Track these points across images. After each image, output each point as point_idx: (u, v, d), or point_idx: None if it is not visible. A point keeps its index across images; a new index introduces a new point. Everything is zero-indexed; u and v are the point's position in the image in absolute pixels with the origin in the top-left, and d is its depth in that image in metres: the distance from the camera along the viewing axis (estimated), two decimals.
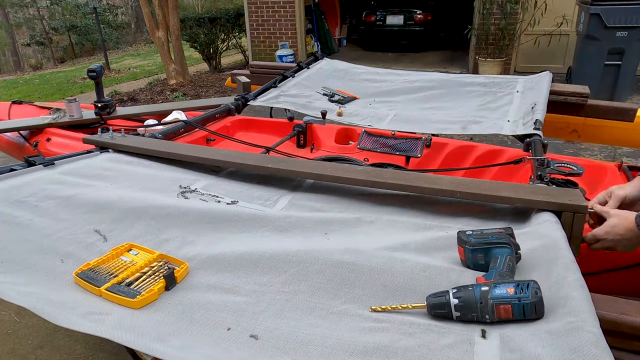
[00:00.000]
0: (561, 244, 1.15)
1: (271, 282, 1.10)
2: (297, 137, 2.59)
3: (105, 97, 3.01)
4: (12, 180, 1.52)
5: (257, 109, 2.93)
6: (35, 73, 13.25)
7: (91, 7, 10.75)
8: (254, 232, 1.34)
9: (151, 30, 8.11)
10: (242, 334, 0.93)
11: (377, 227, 1.38)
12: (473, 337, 0.90)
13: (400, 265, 1.13)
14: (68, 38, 17.39)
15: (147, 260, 1.18)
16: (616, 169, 2.07)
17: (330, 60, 3.56)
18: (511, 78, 3.02)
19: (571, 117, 2.73)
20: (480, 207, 1.48)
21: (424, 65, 9.29)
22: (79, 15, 17.45)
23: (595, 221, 1.39)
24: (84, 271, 1.12)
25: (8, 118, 3.15)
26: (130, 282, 1.09)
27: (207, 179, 1.73)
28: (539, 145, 1.97)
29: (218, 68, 9.80)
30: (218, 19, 9.55)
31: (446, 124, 2.39)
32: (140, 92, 8.10)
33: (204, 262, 1.19)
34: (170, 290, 1.09)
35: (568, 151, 4.60)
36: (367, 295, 1.05)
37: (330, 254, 1.17)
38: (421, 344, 0.89)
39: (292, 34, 9.44)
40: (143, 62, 12.68)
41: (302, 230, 1.35)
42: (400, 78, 3.14)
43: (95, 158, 1.82)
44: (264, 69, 3.48)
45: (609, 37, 5.91)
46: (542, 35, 7.72)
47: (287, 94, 2.86)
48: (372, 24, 10.80)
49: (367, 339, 0.91)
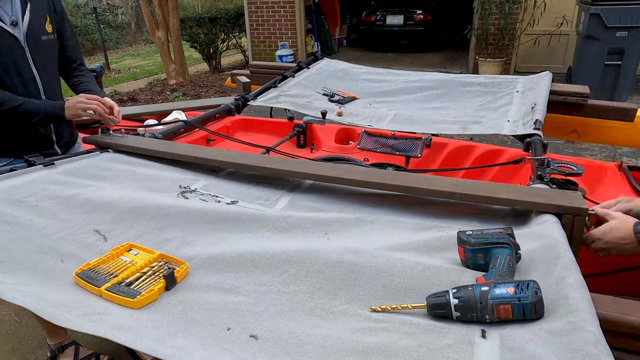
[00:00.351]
0: (561, 244, 1.15)
1: (271, 282, 1.10)
2: (297, 137, 2.59)
3: None
4: (12, 180, 1.52)
5: (257, 109, 2.93)
6: None
7: (91, 7, 10.77)
8: (254, 232, 1.34)
9: (151, 30, 8.12)
10: (242, 334, 0.93)
11: (376, 227, 1.38)
12: (473, 337, 0.90)
13: (400, 265, 1.13)
14: None
15: (147, 260, 1.18)
16: (616, 169, 2.07)
17: (330, 60, 3.56)
18: (511, 78, 3.02)
19: (571, 117, 2.73)
20: (480, 207, 1.48)
21: (424, 65, 9.29)
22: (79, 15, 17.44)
23: (593, 223, 1.38)
24: (84, 271, 1.12)
25: None
26: (130, 282, 1.09)
27: (207, 179, 1.73)
28: (539, 145, 1.97)
29: (218, 68, 9.80)
30: (218, 19, 9.56)
31: (446, 124, 2.39)
32: (140, 92, 8.11)
33: (204, 262, 1.19)
34: (170, 290, 1.09)
35: (568, 151, 4.60)
36: (367, 295, 1.05)
37: (330, 254, 1.17)
38: (421, 344, 0.89)
39: (292, 34, 9.44)
40: (143, 62, 12.69)
41: (301, 230, 1.35)
42: (400, 78, 3.14)
43: (96, 158, 1.82)
44: (264, 69, 3.48)
45: (609, 37, 5.91)
46: (542, 35, 7.72)
47: (287, 94, 2.86)
48: (372, 24, 10.80)
49: (367, 339, 0.91)
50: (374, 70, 3.39)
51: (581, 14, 6.28)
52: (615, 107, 2.68)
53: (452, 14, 10.93)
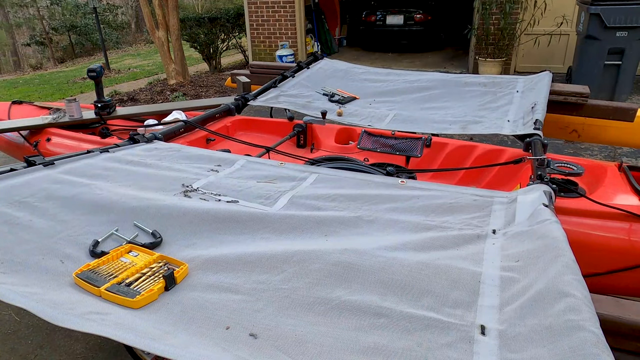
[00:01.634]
0: (561, 244, 1.15)
1: (270, 281, 1.10)
2: (297, 137, 2.59)
3: (105, 97, 3.01)
4: (12, 180, 1.51)
5: (257, 109, 2.93)
6: (35, 73, 13.26)
7: (91, 7, 10.75)
8: (253, 232, 1.34)
9: (151, 30, 8.11)
10: (241, 333, 0.93)
11: (376, 226, 1.38)
12: (472, 335, 0.90)
13: (399, 264, 1.13)
14: (68, 38, 17.38)
15: (147, 261, 1.18)
16: (616, 169, 2.07)
17: (330, 60, 3.56)
18: (511, 78, 3.02)
19: (571, 117, 2.73)
20: (479, 205, 1.48)
21: (424, 65, 9.28)
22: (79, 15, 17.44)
23: None
24: (84, 272, 1.12)
25: (8, 118, 3.15)
26: (130, 282, 1.09)
27: (208, 178, 1.73)
28: (539, 145, 1.97)
29: (218, 68, 9.80)
30: (218, 19, 9.55)
31: (446, 123, 2.39)
32: (140, 92, 8.10)
33: (204, 262, 1.19)
34: (170, 290, 1.09)
35: (568, 151, 4.60)
36: (366, 294, 1.05)
37: (329, 253, 1.17)
38: (420, 342, 0.89)
39: (292, 34, 9.43)
40: (143, 62, 12.68)
41: (301, 230, 1.35)
42: (400, 78, 3.14)
43: (96, 158, 1.82)
44: (264, 69, 3.48)
45: (609, 37, 5.90)
46: (542, 35, 7.72)
47: (287, 94, 2.86)
48: (372, 24, 10.80)
49: (366, 338, 0.91)
50: (374, 70, 3.39)
51: (581, 14, 6.28)
52: (615, 107, 2.68)
53: (452, 13, 10.92)
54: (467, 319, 0.96)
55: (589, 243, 1.62)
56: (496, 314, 0.97)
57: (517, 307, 0.97)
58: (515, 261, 1.15)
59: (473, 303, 1.01)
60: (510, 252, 1.20)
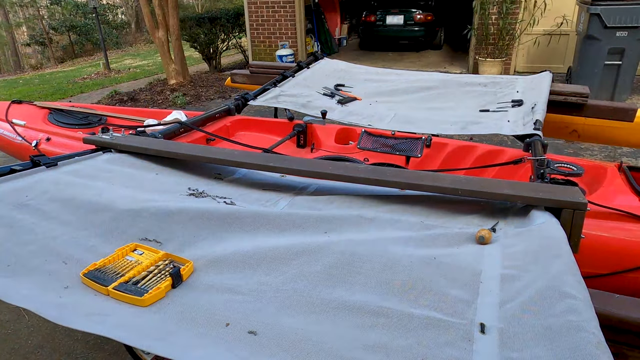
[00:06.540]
0: (561, 244, 1.16)
1: (272, 280, 1.10)
2: (297, 137, 2.59)
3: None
4: (14, 182, 1.51)
5: (257, 109, 2.93)
6: (35, 73, 13.25)
7: (91, 6, 10.75)
8: (255, 232, 1.35)
9: (151, 30, 8.11)
10: (241, 331, 0.94)
11: (377, 225, 1.38)
12: (472, 334, 0.91)
13: (400, 264, 1.13)
14: (68, 38, 17.38)
15: (152, 260, 1.19)
16: (616, 169, 2.07)
17: (330, 60, 3.56)
18: (511, 78, 3.02)
19: (571, 117, 2.73)
20: (480, 206, 1.48)
21: (424, 65, 9.28)
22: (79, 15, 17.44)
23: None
24: (90, 271, 1.12)
25: (6, 117, 3.15)
26: (137, 280, 1.10)
27: (210, 182, 1.74)
28: (539, 146, 1.97)
29: (218, 68, 9.79)
30: (218, 19, 9.55)
31: (446, 124, 2.39)
32: (141, 92, 8.10)
33: (208, 262, 1.19)
34: (177, 287, 1.09)
35: (568, 151, 4.60)
36: (367, 293, 1.05)
37: (330, 252, 1.17)
38: (420, 341, 0.89)
39: (292, 34, 9.43)
40: (143, 62, 12.68)
41: (302, 229, 1.35)
42: (400, 78, 3.14)
43: (98, 158, 1.81)
44: (264, 68, 3.48)
45: (609, 37, 5.91)
46: (542, 35, 7.72)
47: (287, 94, 2.86)
48: (372, 24, 10.79)
49: (366, 337, 0.91)
50: (374, 70, 3.39)
51: (581, 14, 6.28)
52: (615, 107, 2.68)
53: (452, 14, 10.92)
54: (467, 317, 0.96)
55: (589, 243, 1.62)
56: (496, 312, 0.97)
57: (517, 306, 0.97)
58: (516, 260, 1.15)
59: (473, 301, 1.02)
60: (510, 252, 1.20)
